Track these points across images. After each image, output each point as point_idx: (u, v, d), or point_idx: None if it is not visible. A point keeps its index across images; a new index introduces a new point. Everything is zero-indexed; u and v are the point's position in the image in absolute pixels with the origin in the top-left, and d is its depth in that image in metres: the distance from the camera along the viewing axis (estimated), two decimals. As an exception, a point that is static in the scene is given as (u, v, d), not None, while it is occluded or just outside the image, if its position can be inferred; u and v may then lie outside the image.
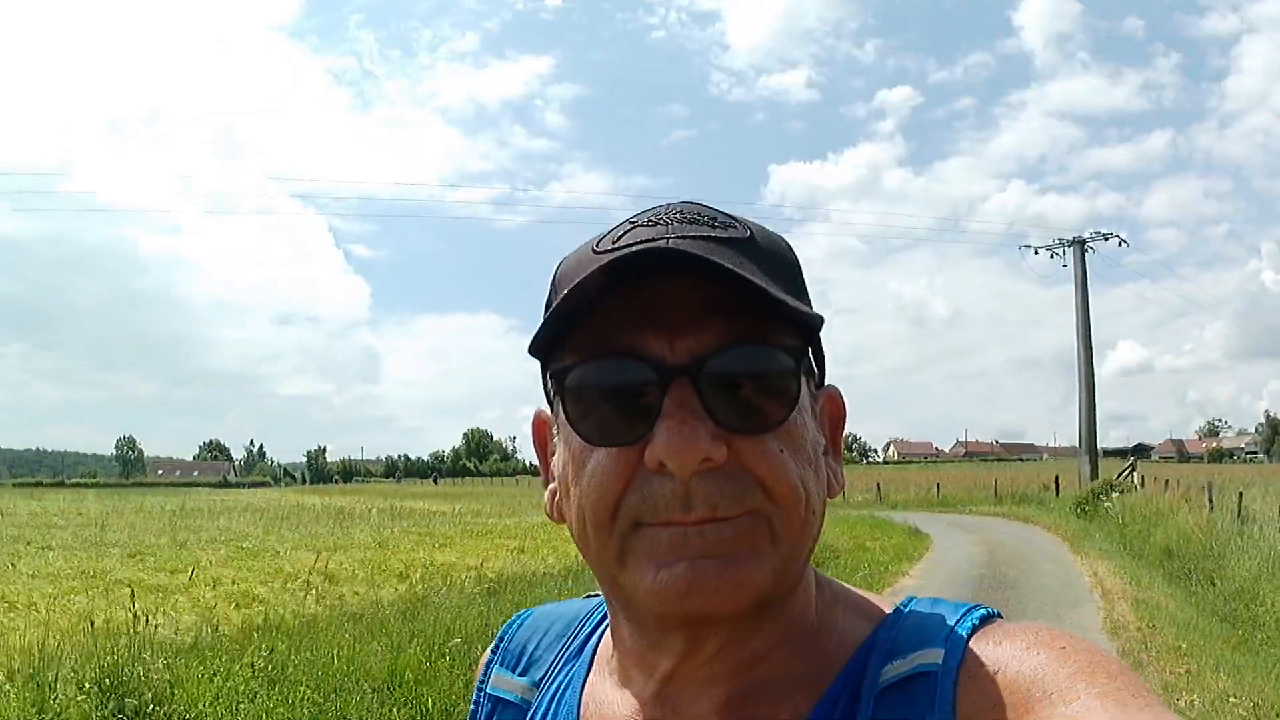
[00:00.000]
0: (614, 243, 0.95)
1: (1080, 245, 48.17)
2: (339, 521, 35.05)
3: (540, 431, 1.09)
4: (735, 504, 0.87)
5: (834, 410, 1.05)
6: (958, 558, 22.84)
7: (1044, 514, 36.53)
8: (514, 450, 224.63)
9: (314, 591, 14.15)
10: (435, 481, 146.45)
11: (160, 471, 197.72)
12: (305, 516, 38.50)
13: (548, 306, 0.99)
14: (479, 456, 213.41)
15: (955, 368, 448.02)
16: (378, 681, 8.72)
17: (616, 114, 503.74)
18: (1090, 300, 47.20)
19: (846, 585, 1.09)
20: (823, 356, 1.03)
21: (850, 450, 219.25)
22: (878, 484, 58.70)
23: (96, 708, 7.53)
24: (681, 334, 0.90)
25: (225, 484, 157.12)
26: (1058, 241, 48.75)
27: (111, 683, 7.80)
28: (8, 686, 7.95)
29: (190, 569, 16.62)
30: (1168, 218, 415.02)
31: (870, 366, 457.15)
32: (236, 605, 13.93)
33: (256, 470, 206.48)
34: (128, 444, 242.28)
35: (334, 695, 8.37)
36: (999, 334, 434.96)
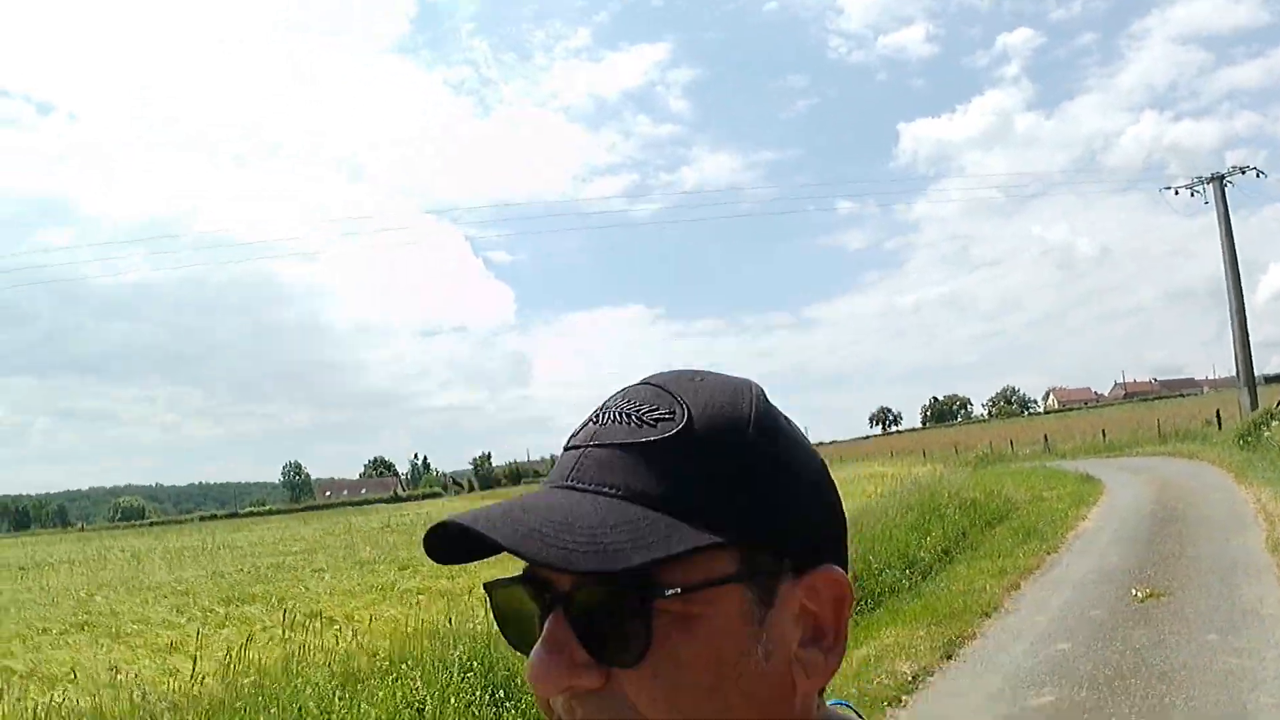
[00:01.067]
0: (574, 436, 0.97)
1: (1219, 181, 46.67)
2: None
3: None
4: None
5: (834, 592, 0.93)
6: (1129, 498, 23.73)
7: (1207, 449, 36.50)
8: None
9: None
10: None
11: (328, 493, 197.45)
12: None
13: None
14: None
15: (1106, 308, 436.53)
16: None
17: (737, 91, 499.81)
18: (1236, 230, 45.89)
19: None
20: (817, 534, 0.94)
21: (1010, 403, 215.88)
22: (1044, 435, 59.03)
23: (481, 682, 9.19)
24: None
25: (397, 499, 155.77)
26: (1196, 179, 47.53)
27: (480, 663, 9.61)
28: (408, 669, 9.70)
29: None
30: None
31: (1020, 317, 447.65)
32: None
33: (423, 483, 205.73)
34: (294, 469, 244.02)
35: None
36: (1147, 269, 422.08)
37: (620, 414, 0.94)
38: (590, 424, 0.96)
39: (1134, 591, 11.83)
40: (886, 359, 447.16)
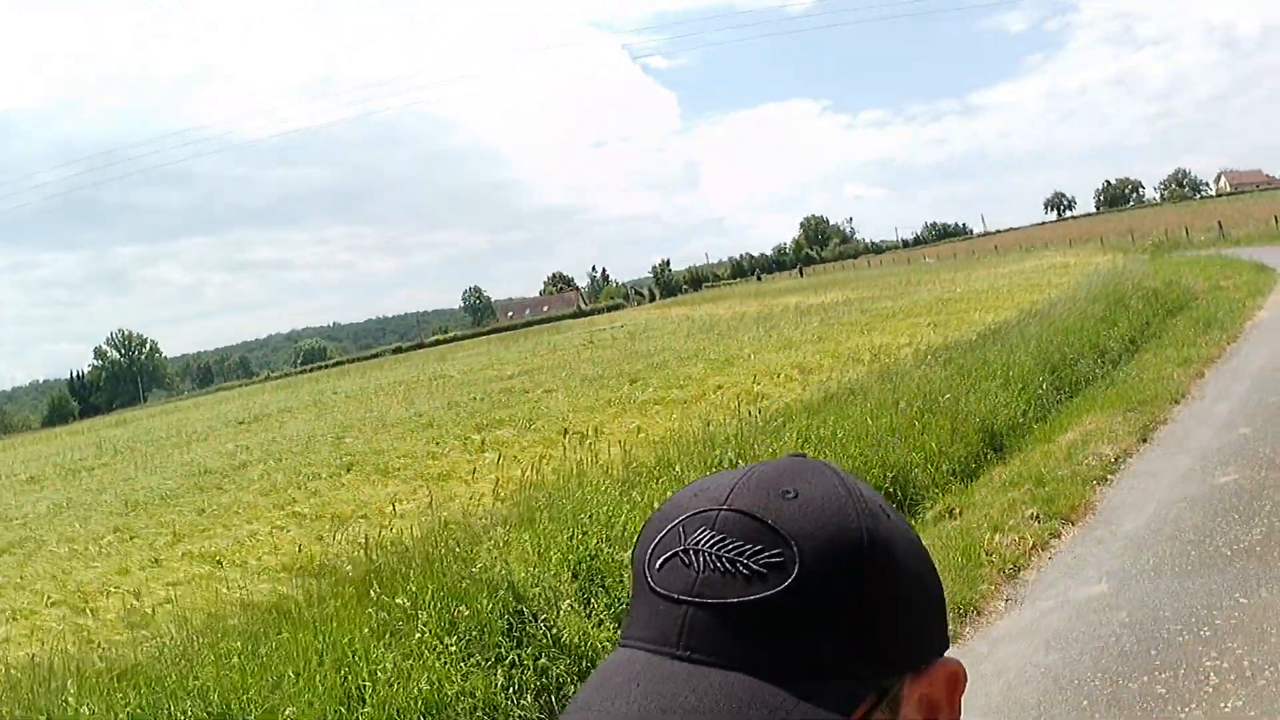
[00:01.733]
0: (657, 570, 0.87)
1: None
2: (759, 324, 34.68)
3: None
4: None
5: (950, 679, 0.92)
6: (1305, 291, 24.13)
7: (1388, 233, 36.21)
8: (852, 231, 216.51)
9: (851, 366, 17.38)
10: (800, 273, 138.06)
11: (510, 314, 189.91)
12: (722, 328, 36.33)
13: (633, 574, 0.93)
14: (820, 243, 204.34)
15: (1276, 87, 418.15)
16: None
17: None
18: None
19: None
20: (931, 633, 0.91)
21: (1182, 186, 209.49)
22: (1218, 222, 58.32)
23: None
24: None
25: (580, 313, 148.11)
26: None
27: (742, 459, 10.82)
28: (682, 469, 10.84)
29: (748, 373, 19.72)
30: None
31: (1187, 97, 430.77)
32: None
33: (603, 294, 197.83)
34: (474, 293, 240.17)
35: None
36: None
37: (720, 561, 0.84)
38: (680, 563, 0.86)
39: (1309, 384, 13.11)
40: (1057, 142, 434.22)
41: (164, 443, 32.27)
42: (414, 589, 7.14)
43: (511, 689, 6.51)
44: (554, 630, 7.01)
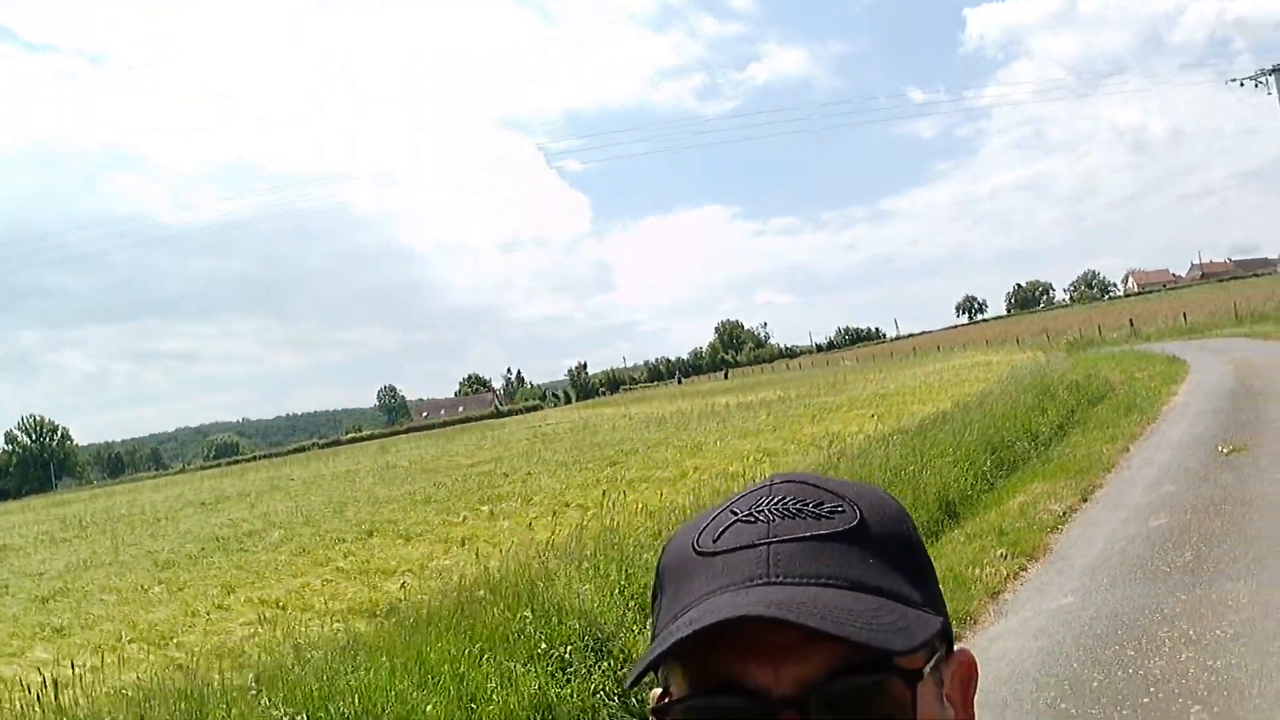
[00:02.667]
0: (714, 541, 0.90)
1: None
2: (703, 420, 35.88)
3: None
4: None
5: (964, 674, 0.97)
6: (1212, 377, 26.56)
7: (1281, 329, 38.83)
8: (766, 336, 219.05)
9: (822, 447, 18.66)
10: (725, 376, 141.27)
11: (425, 414, 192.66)
12: (673, 422, 37.18)
13: (653, 596, 0.96)
14: (735, 348, 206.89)
15: (1181, 188, 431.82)
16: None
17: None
18: None
19: None
20: (948, 624, 0.93)
21: (1090, 287, 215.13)
22: (1129, 320, 61.69)
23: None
24: (787, 662, 0.82)
25: (498, 414, 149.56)
26: (1260, 71, 49.65)
27: None
28: None
29: (685, 468, 20.78)
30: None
31: (1096, 201, 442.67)
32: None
33: (518, 396, 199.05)
34: (388, 392, 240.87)
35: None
36: (1220, 148, 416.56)
37: (785, 509, 0.90)
38: (742, 524, 0.90)
39: (1220, 448, 15.06)
40: (967, 246, 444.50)
41: (133, 519, 32.78)
42: (510, 613, 8.54)
43: (601, 694, 7.86)
44: (626, 649, 8.49)
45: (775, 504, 0.91)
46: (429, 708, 7.01)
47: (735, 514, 0.92)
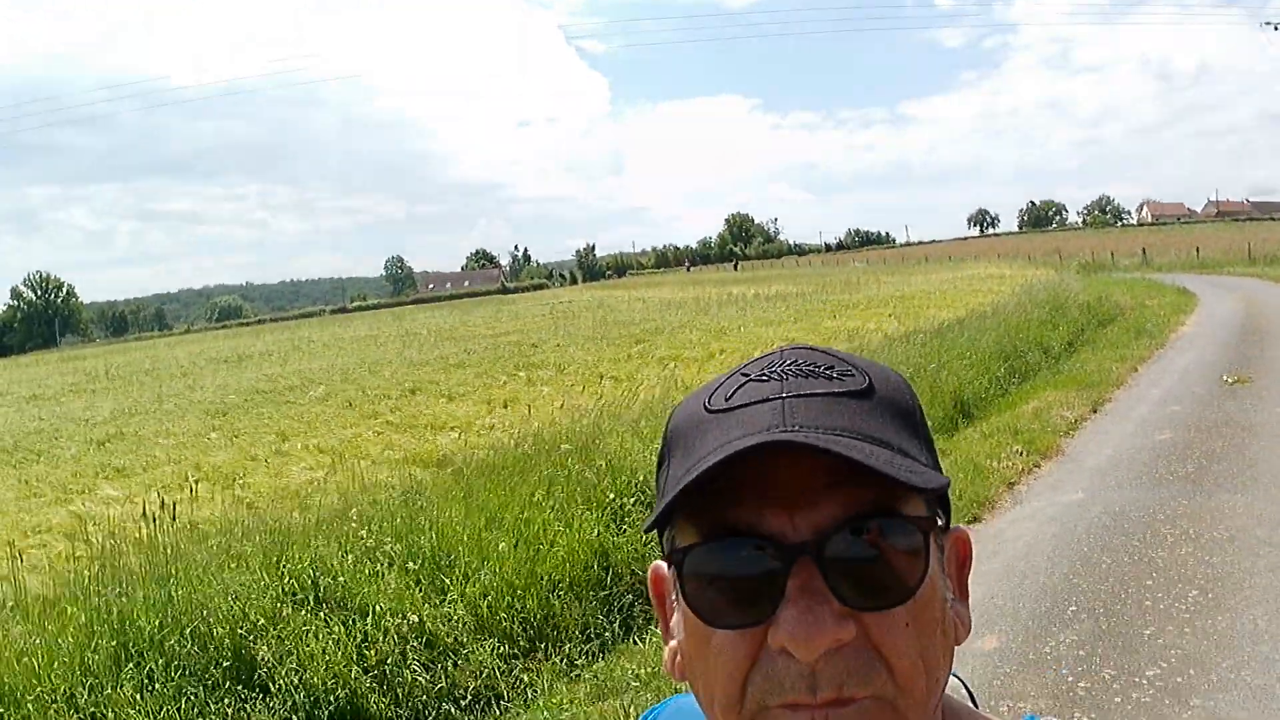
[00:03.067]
0: (726, 399, 0.91)
1: None
2: (722, 307, 36.78)
3: (658, 586, 1.01)
4: (862, 685, 0.83)
5: (962, 552, 0.99)
6: (1222, 311, 27.39)
7: (1296, 273, 39.56)
8: (776, 231, 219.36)
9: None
10: (735, 267, 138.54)
11: (431, 286, 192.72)
12: (691, 307, 38.10)
13: (660, 461, 0.97)
14: (744, 241, 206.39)
15: (1204, 124, 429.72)
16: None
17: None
18: None
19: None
20: (948, 500, 0.95)
21: (1104, 213, 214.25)
22: (1143, 248, 62.34)
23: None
24: (802, 508, 0.84)
25: (505, 290, 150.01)
26: None
27: None
28: None
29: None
30: None
31: (1119, 126, 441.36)
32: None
33: (524, 274, 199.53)
34: (396, 263, 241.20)
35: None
36: (1246, 87, 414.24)
37: (801, 369, 0.92)
38: (756, 383, 0.91)
39: (1225, 378, 15.85)
40: (984, 159, 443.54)
41: (158, 373, 33.31)
42: (567, 465, 9.26)
43: (652, 544, 8.60)
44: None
45: (789, 365, 0.92)
46: (500, 545, 7.62)
47: (748, 375, 0.93)
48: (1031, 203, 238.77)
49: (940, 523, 0.90)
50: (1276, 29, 50.64)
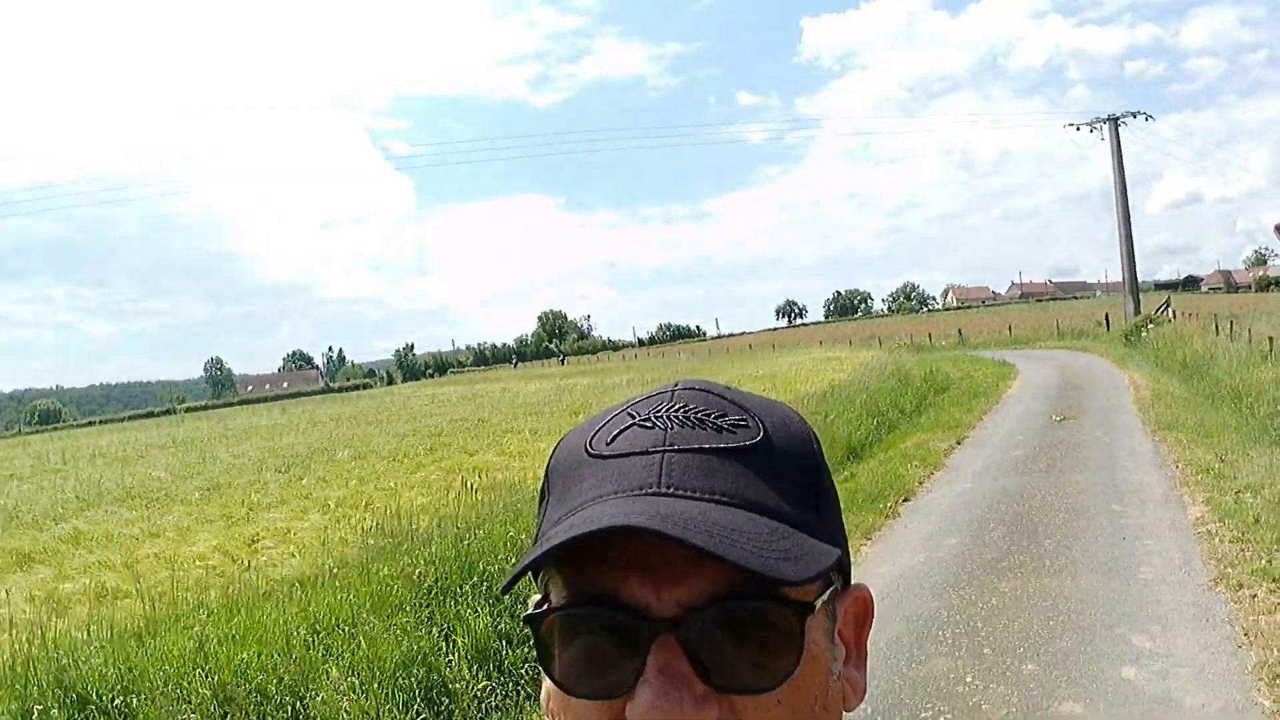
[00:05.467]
0: (607, 444, 0.88)
1: (1114, 122, 55.87)
2: (598, 394, 40.03)
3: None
4: None
5: (860, 610, 0.96)
6: (1040, 376, 32.94)
7: (1098, 344, 46.63)
8: (590, 328, 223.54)
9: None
10: (563, 362, 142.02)
11: (250, 388, 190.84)
12: (575, 395, 39.17)
13: (541, 497, 0.95)
14: (559, 337, 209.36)
15: (1006, 209, 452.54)
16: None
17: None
18: (1132, 141, 54.43)
19: None
20: (847, 557, 0.93)
21: (910, 299, 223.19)
22: (958, 329, 69.46)
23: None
24: (669, 582, 0.80)
25: (328, 390, 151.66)
26: (1095, 119, 55.83)
27: None
28: None
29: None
30: (1206, 46, 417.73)
31: (921, 213, 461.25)
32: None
33: (340, 375, 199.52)
34: (215, 364, 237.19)
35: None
36: (1046, 173, 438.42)
37: (686, 417, 0.88)
38: (639, 428, 0.89)
39: (1054, 417, 21.12)
40: (788, 251, 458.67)
41: (110, 458, 33.73)
42: None
43: None
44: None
45: (676, 410, 0.90)
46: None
47: (633, 417, 0.91)
48: (838, 292, 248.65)
49: (832, 588, 0.89)
50: (1079, 129, 56.76)
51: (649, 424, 0.88)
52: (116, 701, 6.18)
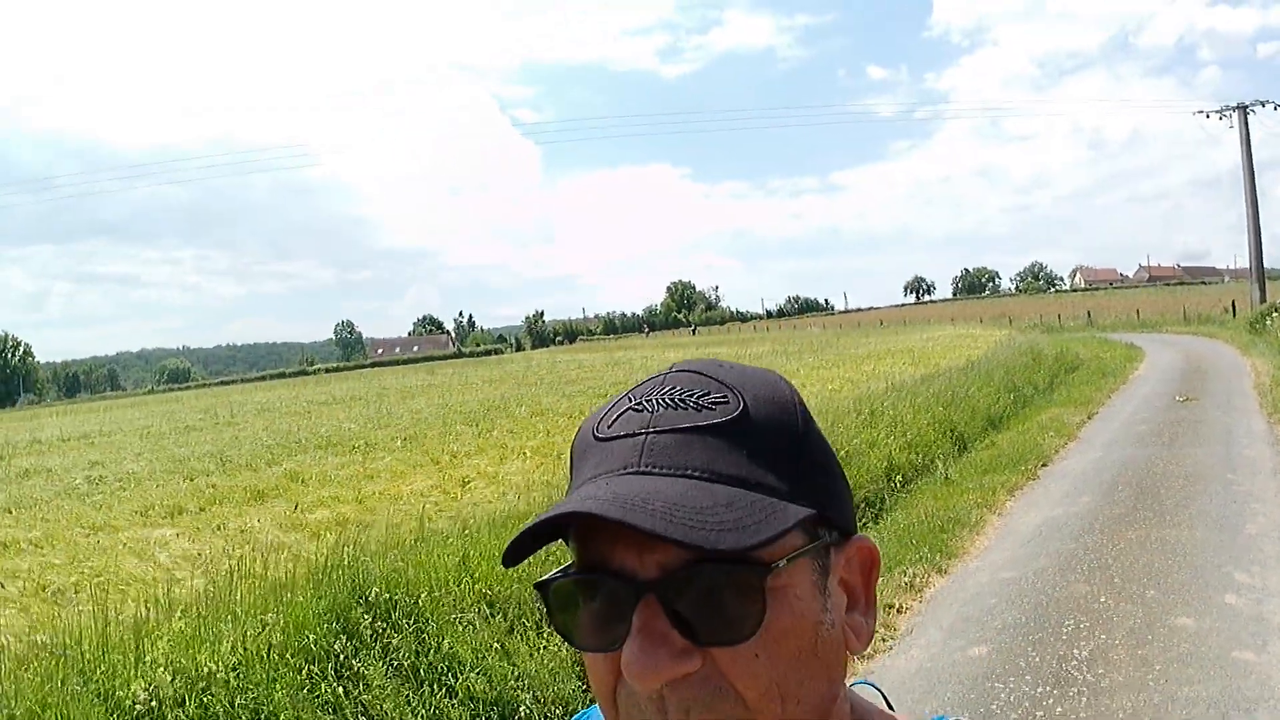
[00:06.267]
0: (609, 426, 0.98)
1: (1244, 110, 55.77)
2: (753, 362, 40.60)
3: None
4: (708, 711, 0.89)
5: (865, 559, 1.04)
6: (1166, 360, 34.33)
7: (1223, 331, 47.49)
8: (718, 299, 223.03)
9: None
10: (694, 332, 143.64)
11: (380, 351, 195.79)
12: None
13: (571, 468, 1.04)
14: (687, 308, 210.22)
15: (1135, 190, 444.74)
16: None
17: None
18: (1263, 118, 53.93)
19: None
20: (847, 507, 1.03)
21: (1037, 279, 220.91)
22: (1087, 311, 70.12)
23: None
24: (651, 547, 0.89)
25: (460, 354, 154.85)
26: (1225, 107, 56.24)
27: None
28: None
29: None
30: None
31: (1049, 192, 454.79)
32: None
33: (471, 340, 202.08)
34: (345, 328, 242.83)
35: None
36: (1177, 154, 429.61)
37: (671, 400, 0.97)
38: (633, 412, 0.98)
39: (1177, 398, 22.54)
40: (915, 226, 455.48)
41: (282, 412, 35.96)
42: None
43: None
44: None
45: (664, 394, 0.99)
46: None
47: (630, 401, 1.01)
48: (965, 269, 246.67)
49: (819, 541, 0.96)
50: (1208, 117, 57.04)
51: (640, 408, 0.98)
52: (402, 602, 7.24)
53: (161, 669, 5.73)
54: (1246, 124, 56.21)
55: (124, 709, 5.41)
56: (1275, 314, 42.07)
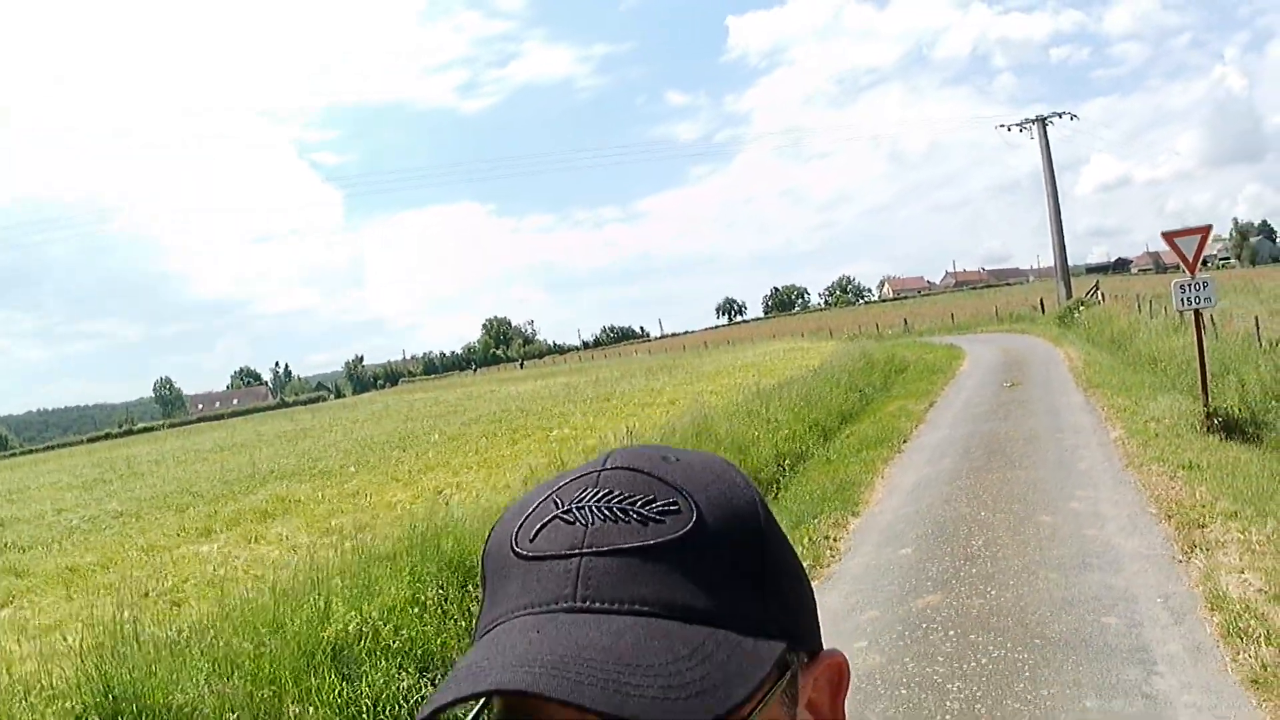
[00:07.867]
0: (530, 539, 0.82)
1: (1042, 123, 60.81)
2: (600, 385, 43.94)
3: None
4: None
5: (833, 676, 0.91)
6: (987, 355, 38.16)
7: (1035, 326, 52.13)
8: (534, 333, 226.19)
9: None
10: (521, 366, 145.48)
11: (200, 406, 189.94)
12: (572, 391, 42.34)
13: (481, 582, 0.88)
14: (504, 343, 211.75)
15: (937, 199, 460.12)
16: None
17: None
18: (1060, 129, 58.60)
19: None
20: (814, 617, 0.90)
21: (845, 292, 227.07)
22: (904, 319, 74.70)
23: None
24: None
25: (283, 404, 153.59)
26: (1025, 120, 61.68)
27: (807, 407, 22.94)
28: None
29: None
30: (1130, 31, 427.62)
31: (853, 208, 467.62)
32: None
33: (289, 389, 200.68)
34: (165, 384, 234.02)
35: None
36: (976, 161, 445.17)
37: (609, 509, 0.82)
38: (561, 522, 0.82)
39: (1004, 384, 26.16)
40: (723, 249, 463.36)
41: (189, 460, 34.91)
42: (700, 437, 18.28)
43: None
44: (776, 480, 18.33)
45: (599, 499, 0.83)
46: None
47: (557, 505, 0.84)
48: (775, 288, 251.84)
49: (790, 671, 0.82)
50: (1009, 130, 61.64)
51: (570, 517, 0.82)
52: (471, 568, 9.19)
53: (341, 616, 8.17)
54: (1046, 134, 61.05)
55: (324, 641, 7.83)
56: (1081, 308, 46.80)
